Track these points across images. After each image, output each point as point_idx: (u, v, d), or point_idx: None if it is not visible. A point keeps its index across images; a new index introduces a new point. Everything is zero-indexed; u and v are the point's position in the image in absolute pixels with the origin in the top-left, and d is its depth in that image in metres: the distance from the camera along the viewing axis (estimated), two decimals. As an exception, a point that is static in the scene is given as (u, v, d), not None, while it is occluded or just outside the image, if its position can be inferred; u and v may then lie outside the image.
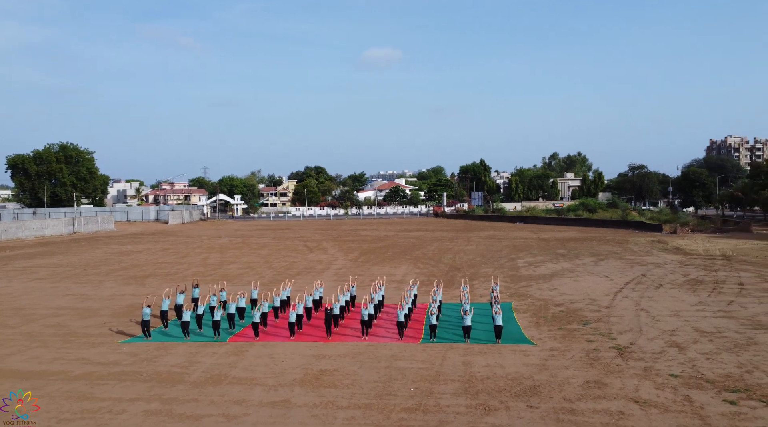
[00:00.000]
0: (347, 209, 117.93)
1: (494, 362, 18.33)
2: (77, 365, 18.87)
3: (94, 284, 35.72)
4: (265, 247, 57.86)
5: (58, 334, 23.14)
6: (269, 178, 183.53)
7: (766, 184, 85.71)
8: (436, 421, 13.81)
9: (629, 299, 28.30)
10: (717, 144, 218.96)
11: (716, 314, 24.77)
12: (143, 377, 17.54)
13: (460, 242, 59.21)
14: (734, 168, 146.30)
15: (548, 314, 25.38)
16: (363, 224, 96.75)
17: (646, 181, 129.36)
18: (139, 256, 51.32)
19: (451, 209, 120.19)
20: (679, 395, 15.21)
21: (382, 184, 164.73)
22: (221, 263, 45.66)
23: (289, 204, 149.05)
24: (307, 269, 41.39)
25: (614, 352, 19.22)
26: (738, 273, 35.76)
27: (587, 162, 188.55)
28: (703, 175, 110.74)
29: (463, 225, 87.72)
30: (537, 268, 39.91)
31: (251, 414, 14.47)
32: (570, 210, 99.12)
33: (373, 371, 17.76)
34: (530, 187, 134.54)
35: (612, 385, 16.03)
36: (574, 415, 14.02)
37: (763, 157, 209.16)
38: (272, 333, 22.57)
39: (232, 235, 75.20)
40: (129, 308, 28.04)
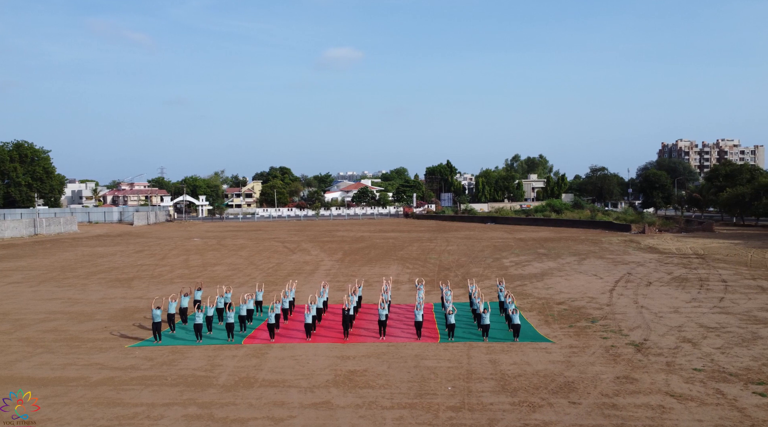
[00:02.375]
0: (317, 210, 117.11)
1: (520, 360, 18.56)
2: (93, 370, 18.18)
3: (77, 288, 34.45)
4: (243, 248, 56.94)
5: (59, 339, 22.23)
6: (233, 179, 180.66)
7: (723, 187, 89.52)
8: (485, 419, 13.89)
9: (625, 296, 29.09)
10: (668, 147, 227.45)
11: (712, 310, 25.72)
12: (168, 381, 17.04)
13: (440, 243, 59.63)
14: (685, 170, 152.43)
15: (554, 312, 25.85)
16: (335, 224, 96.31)
17: (606, 182, 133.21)
18: (115, 258, 49.76)
19: (420, 210, 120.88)
20: (709, 388, 15.73)
21: (349, 186, 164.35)
22: (204, 264, 44.71)
23: (255, 205, 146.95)
24: (295, 270, 40.94)
25: (632, 348, 19.73)
26: (717, 271, 37.19)
27: (548, 164, 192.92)
28: (662, 177, 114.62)
29: (436, 226, 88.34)
30: (525, 267, 40.56)
31: (297, 416, 14.24)
32: (537, 211, 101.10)
33: (403, 370, 17.73)
34: (496, 188, 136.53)
35: (642, 380, 16.45)
36: (617, 410, 14.33)
37: (710, 159, 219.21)
38: (285, 335, 22.26)
39: (204, 236, 73.72)
40: (125, 312, 27.19)
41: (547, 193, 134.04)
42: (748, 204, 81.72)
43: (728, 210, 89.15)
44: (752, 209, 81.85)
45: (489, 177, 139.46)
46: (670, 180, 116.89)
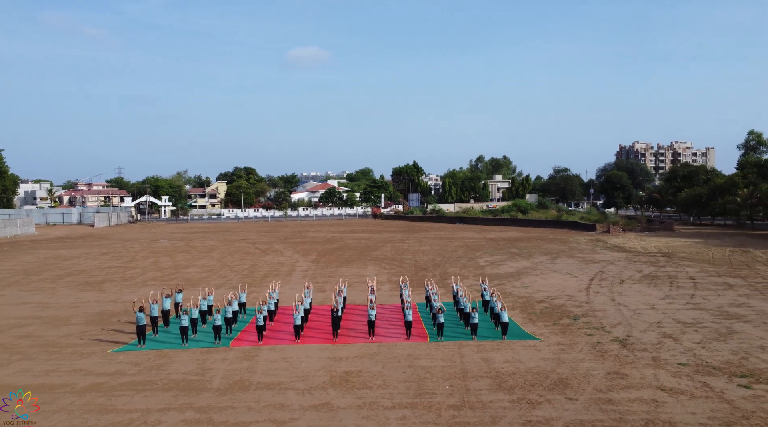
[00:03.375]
0: (285, 211, 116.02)
1: (512, 358, 18.83)
2: (78, 376, 17.63)
3: (46, 292, 33.32)
4: (214, 250, 56.00)
5: (36, 345, 21.47)
6: (196, 179, 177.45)
7: (681, 187, 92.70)
8: (488, 417, 14.05)
9: (602, 294, 29.81)
10: (626, 149, 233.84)
11: (686, 306, 26.61)
12: (160, 386, 16.66)
13: (412, 243, 59.89)
14: (642, 171, 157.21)
15: (536, 310, 26.30)
16: (304, 225, 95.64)
17: (569, 183, 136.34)
18: (80, 261, 48.26)
19: (388, 211, 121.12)
20: (696, 382, 16.29)
21: (315, 186, 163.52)
22: (176, 266, 43.79)
23: (219, 206, 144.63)
24: (271, 271, 40.51)
25: (617, 344, 20.25)
26: (684, 269, 38.46)
27: (511, 165, 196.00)
28: (623, 178, 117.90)
29: (406, 226, 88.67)
30: (500, 267, 41.12)
31: (299, 418, 14.13)
32: (504, 211, 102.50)
33: (398, 370, 17.77)
34: (462, 188, 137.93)
35: (632, 375, 16.91)
36: (613, 405, 14.70)
37: (665, 161, 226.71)
38: (272, 337, 22.02)
39: (171, 238, 72.15)
40: (101, 316, 26.45)
41: (512, 193, 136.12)
42: (704, 204, 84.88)
43: (686, 210, 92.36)
44: (708, 209, 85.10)
45: (455, 178, 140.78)
46: (630, 181, 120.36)
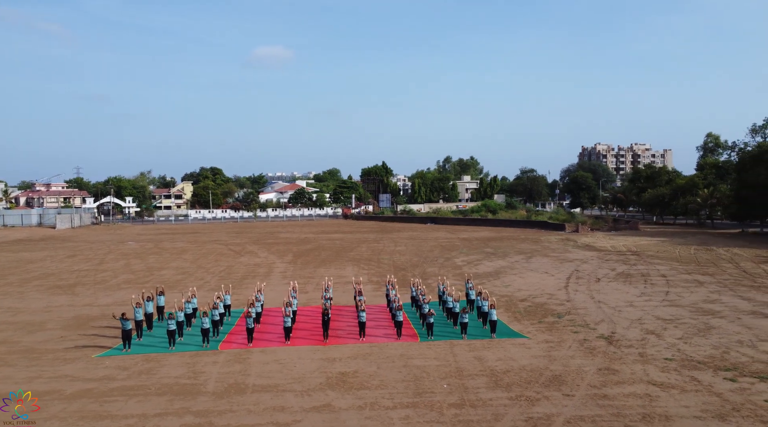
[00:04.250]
0: (254, 212, 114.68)
1: (504, 356, 19.07)
2: (64, 383, 17.10)
3: (13, 296, 32.22)
4: (185, 252, 55.00)
5: (14, 351, 20.74)
6: (160, 180, 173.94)
7: (644, 188, 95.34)
8: (490, 415, 14.20)
9: (580, 292, 30.43)
10: (588, 150, 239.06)
11: (662, 303, 27.38)
12: (152, 391, 16.30)
13: (387, 243, 59.98)
14: (605, 172, 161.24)
15: (519, 309, 26.68)
16: (274, 226, 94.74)
17: (535, 184, 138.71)
18: (46, 264, 46.81)
19: (358, 211, 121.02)
20: (684, 376, 16.79)
21: (284, 186, 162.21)
22: (149, 269, 42.86)
23: (186, 206, 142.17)
24: (249, 273, 40.04)
25: (603, 341, 20.70)
26: (655, 267, 39.54)
27: (478, 165, 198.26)
28: (588, 179, 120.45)
29: (377, 226, 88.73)
30: (477, 266, 41.54)
31: (302, 420, 14.02)
32: (474, 211, 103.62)
33: (394, 370, 17.80)
34: (431, 189, 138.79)
35: (623, 371, 17.32)
36: (609, 400, 15.03)
37: (626, 162, 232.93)
38: (261, 338, 21.77)
39: (138, 240, 70.59)
40: (78, 320, 25.72)
41: (480, 194, 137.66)
42: (666, 204, 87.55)
43: (649, 210, 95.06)
44: (670, 209, 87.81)
45: (425, 178, 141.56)
46: (595, 182, 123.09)
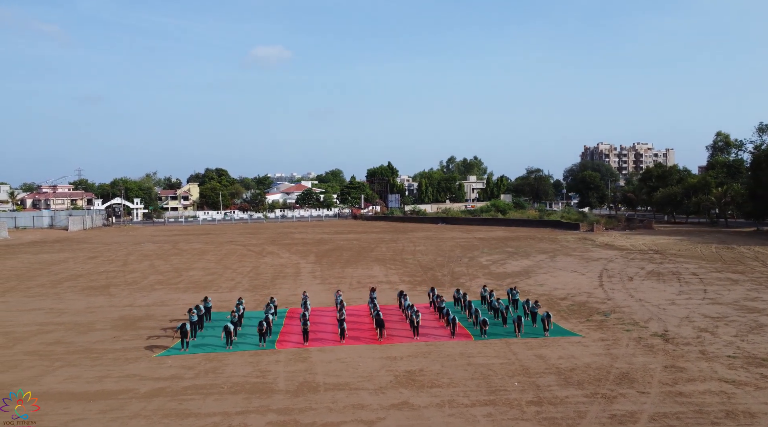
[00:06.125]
0: (264, 213, 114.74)
1: (565, 354, 19.15)
2: (135, 382, 17.17)
3: (51, 297, 32.28)
4: (206, 252, 55.04)
5: (72, 351, 20.80)
6: (166, 181, 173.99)
7: (655, 187, 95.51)
8: (572, 412, 14.28)
9: (618, 291, 30.52)
10: (590, 150, 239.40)
11: (704, 301, 27.48)
12: (225, 389, 16.38)
13: (405, 243, 60.06)
14: (608, 171, 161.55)
15: (562, 307, 26.78)
16: (286, 227, 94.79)
17: (542, 183, 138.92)
18: (70, 265, 46.84)
19: (366, 211, 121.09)
20: (753, 373, 16.88)
21: (290, 187, 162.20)
22: (175, 270, 42.90)
23: (192, 208, 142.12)
24: (278, 273, 40.11)
25: (659, 339, 20.79)
26: (683, 266, 39.63)
27: (482, 165, 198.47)
28: (596, 178, 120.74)
29: (389, 227, 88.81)
30: (504, 266, 41.64)
31: (385, 418, 14.10)
32: (483, 211, 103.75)
33: (459, 369, 17.87)
34: (438, 189, 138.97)
35: (690, 369, 17.41)
36: (686, 397, 15.11)
37: (628, 162, 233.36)
38: (314, 338, 21.82)
39: (154, 241, 70.61)
40: (125, 320, 25.82)
41: (487, 194, 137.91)
42: (679, 203, 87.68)
43: (661, 209, 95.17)
44: (683, 208, 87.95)
45: (432, 178, 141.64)
46: (603, 181, 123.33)
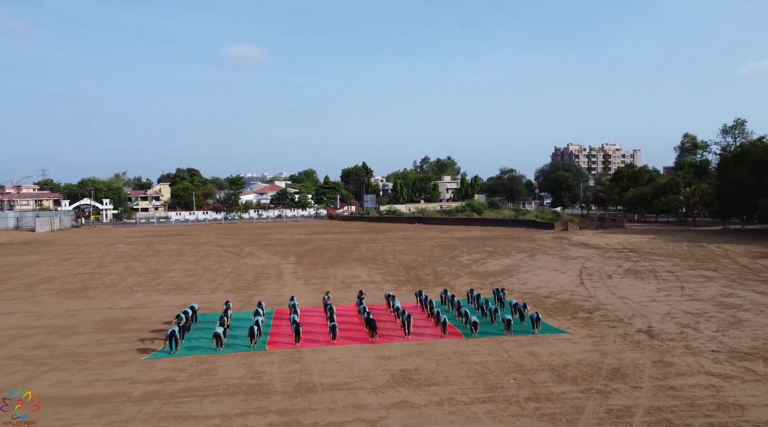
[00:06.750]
0: (239, 213, 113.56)
1: (556, 351, 19.47)
2: (127, 385, 16.87)
3: (27, 300, 31.47)
4: (183, 254, 54.27)
5: (57, 355, 20.32)
6: (136, 181, 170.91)
7: (626, 187, 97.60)
8: (570, 407, 14.54)
9: (599, 288, 31.13)
10: (561, 151, 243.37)
11: (683, 298, 28.22)
12: (221, 391, 16.22)
13: (384, 243, 60.17)
14: (578, 172, 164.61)
15: (547, 305, 27.19)
16: (261, 227, 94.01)
17: (515, 183, 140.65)
18: (42, 268, 45.69)
19: (341, 211, 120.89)
20: (738, 367, 17.42)
21: (263, 187, 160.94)
22: (153, 271, 42.20)
23: (163, 208, 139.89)
24: (260, 274, 39.78)
25: (644, 335, 21.28)
26: (658, 263, 40.60)
27: (455, 165, 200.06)
28: (569, 179, 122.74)
29: (366, 227, 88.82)
30: (485, 265, 42.06)
31: (387, 417, 14.14)
32: (458, 211, 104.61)
33: (454, 367, 18.02)
34: (413, 189, 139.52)
35: (677, 363, 17.87)
36: (677, 391, 15.52)
37: (597, 162, 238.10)
38: (306, 339, 21.74)
39: (127, 242, 69.33)
40: (107, 323, 25.31)
41: (461, 194, 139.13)
42: (649, 203, 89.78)
43: (631, 208, 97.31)
44: (653, 207, 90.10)
45: (407, 178, 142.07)
46: (576, 181, 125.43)
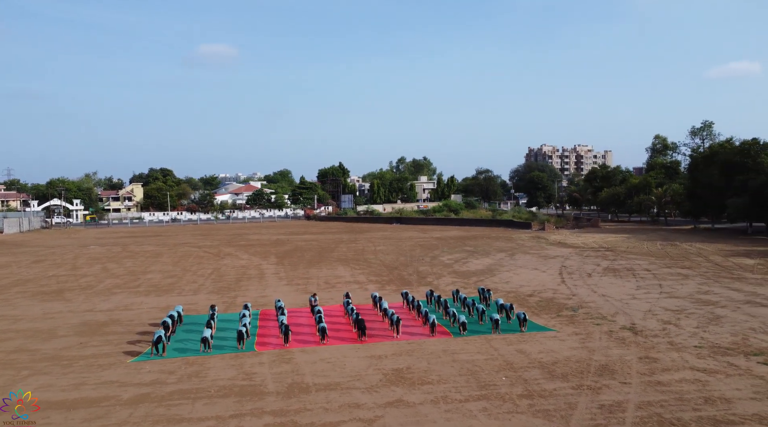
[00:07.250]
0: (215, 214, 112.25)
1: (545, 348, 19.72)
2: (115, 388, 16.58)
3: (0, 303, 30.65)
4: (160, 255, 53.44)
5: (38, 359, 19.86)
6: (107, 181, 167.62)
7: (600, 187, 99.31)
8: (563, 403, 14.75)
9: (580, 287, 31.61)
10: (534, 151, 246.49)
11: (662, 295, 28.83)
12: (213, 393, 16.04)
13: (364, 243, 60.14)
14: (552, 172, 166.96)
15: (531, 303, 27.51)
16: (238, 228, 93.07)
17: (491, 183, 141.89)
18: (14, 270, 44.57)
19: (318, 212, 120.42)
20: (720, 362, 17.87)
21: (238, 188, 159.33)
22: (131, 273, 41.46)
23: (136, 209, 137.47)
24: (242, 275, 39.41)
25: (628, 332, 21.69)
26: (635, 262, 41.39)
27: (431, 166, 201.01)
28: (544, 179, 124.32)
29: (344, 227, 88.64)
30: (466, 264, 42.35)
31: (384, 416, 14.16)
32: (436, 211, 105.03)
33: (446, 365, 18.13)
34: (390, 189, 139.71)
35: (662, 359, 18.27)
36: (665, 386, 15.87)
37: (570, 163, 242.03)
38: (295, 340, 21.64)
39: (101, 244, 67.98)
40: (88, 326, 24.81)
41: (438, 194, 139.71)
42: (622, 202, 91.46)
43: (605, 208, 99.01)
44: (626, 207, 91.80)
45: (384, 179, 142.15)
46: (551, 182, 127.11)
